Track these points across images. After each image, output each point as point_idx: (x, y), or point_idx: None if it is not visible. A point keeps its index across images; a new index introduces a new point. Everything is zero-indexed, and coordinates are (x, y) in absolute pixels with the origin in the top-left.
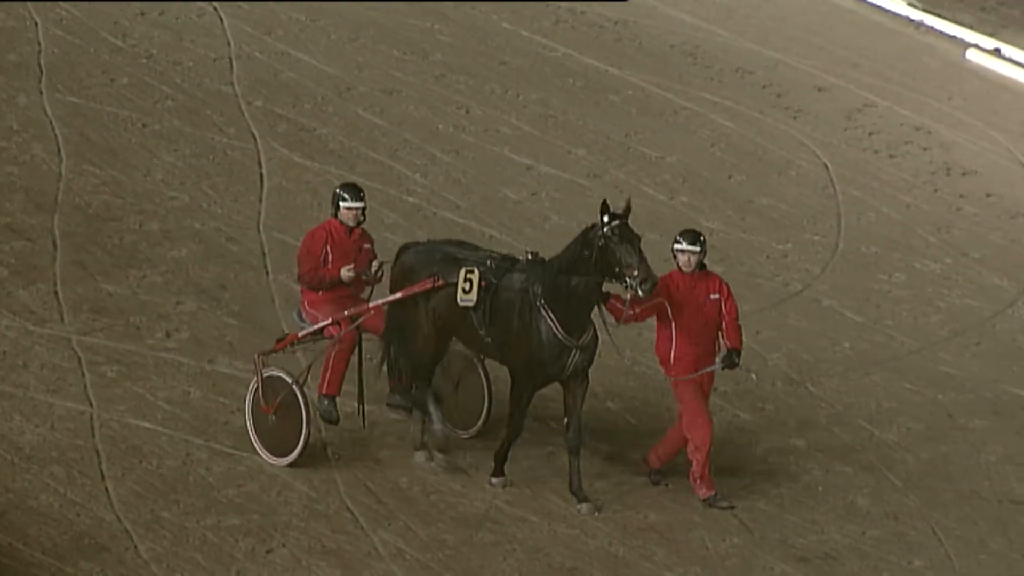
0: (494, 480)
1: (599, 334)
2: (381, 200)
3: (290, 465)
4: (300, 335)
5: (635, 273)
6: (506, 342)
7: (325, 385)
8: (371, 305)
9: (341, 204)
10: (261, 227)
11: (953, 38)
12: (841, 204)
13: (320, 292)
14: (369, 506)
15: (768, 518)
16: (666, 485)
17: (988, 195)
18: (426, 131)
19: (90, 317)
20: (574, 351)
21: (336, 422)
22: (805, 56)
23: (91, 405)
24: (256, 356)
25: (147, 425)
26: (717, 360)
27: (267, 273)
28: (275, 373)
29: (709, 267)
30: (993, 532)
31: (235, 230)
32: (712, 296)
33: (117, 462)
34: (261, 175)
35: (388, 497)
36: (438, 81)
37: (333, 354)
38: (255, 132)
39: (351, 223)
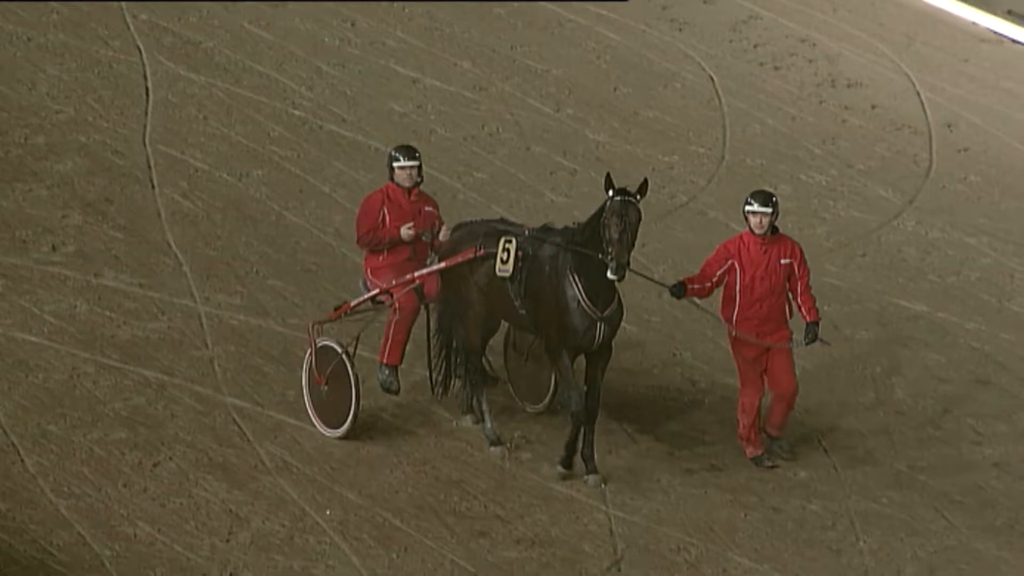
0: (561, 469)
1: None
2: (267, 114)
3: (343, 437)
4: (353, 304)
5: (610, 251)
6: (539, 313)
7: (386, 355)
8: (416, 275)
9: (394, 165)
10: (147, 140)
11: None
12: (726, 116)
13: (382, 258)
14: (256, 420)
15: (654, 430)
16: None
17: (873, 107)
18: (312, 44)
19: None
20: (600, 323)
21: (396, 393)
22: None
23: None
24: (310, 325)
25: (33, 339)
26: (798, 339)
27: (153, 187)
28: (327, 343)
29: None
30: (878, 443)
31: (121, 144)
32: (783, 261)
33: (3, 376)
34: (147, 88)
35: (275, 411)
36: None
37: (393, 323)
38: (140, 46)
39: (407, 184)
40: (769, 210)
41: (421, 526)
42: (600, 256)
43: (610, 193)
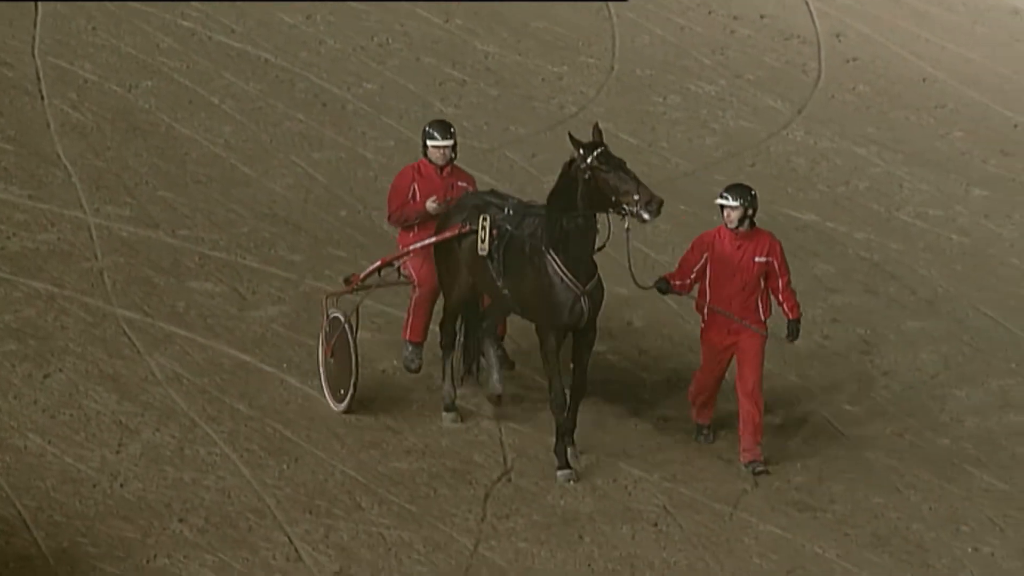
0: (559, 474)
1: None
2: (156, 24)
3: (345, 411)
4: (361, 275)
5: (636, 198)
6: (521, 293)
7: (408, 331)
8: (410, 248)
9: (428, 143)
10: (36, 52)
11: None
12: (616, 26)
13: (412, 234)
14: (146, 331)
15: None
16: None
17: (762, 16)
18: None
19: None
20: (583, 297)
21: (417, 371)
22: None
23: None
24: (324, 297)
25: None
26: (774, 332)
27: (42, 98)
28: (335, 314)
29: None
30: (770, 355)
31: (10, 55)
32: (758, 258)
33: None
34: None
35: (165, 322)
36: None
37: (413, 300)
38: None
39: (440, 162)
40: (737, 204)
41: (311, 437)
42: (611, 210)
43: (583, 151)
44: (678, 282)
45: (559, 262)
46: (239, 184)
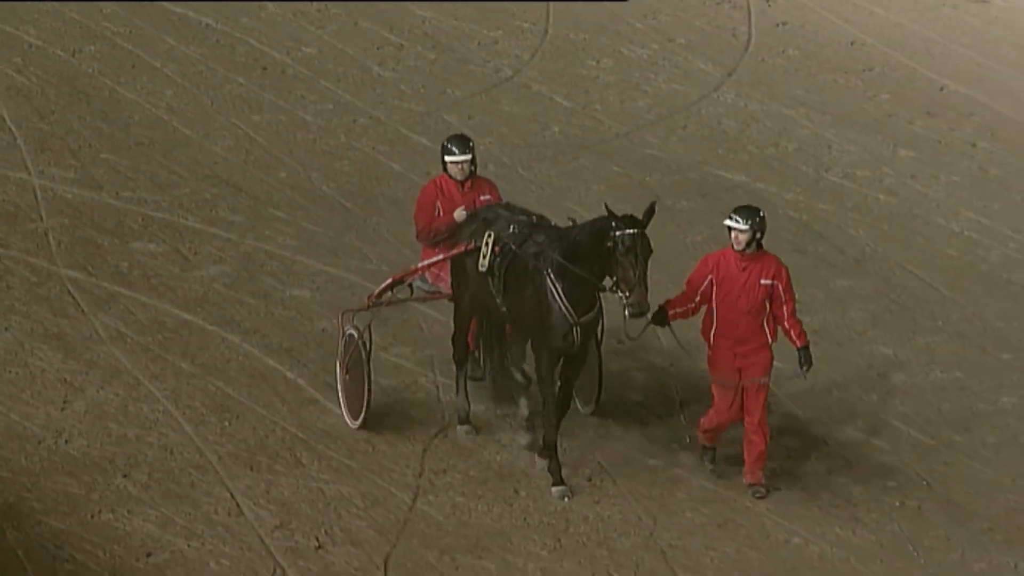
0: (554, 490)
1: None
2: None
3: (360, 427)
4: (374, 293)
5: (628, 295)
6: (519, 311)
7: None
8: (421, 265)
9: (447, 158)
10: None
11: None
12: None
13: (439, 249)
14: (90, 291)
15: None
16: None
17: None
18: None
19: None
20: (576, 327)
21: (480, 379)
22: None
23: None
24: (341, 314)
25: None
26: (784, 367)
27: None
28: (350, 331)
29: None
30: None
31: None
32: (763, 281)
33: None
34: None
35: (108, 282)
36: None
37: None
38: None
39: (460, 177)
40: (746, 227)
41: (252, 394)
42: (595, 282)
43: (621, 225)
44: (680, 309)
45: (559, 289)
46: (181, 146)
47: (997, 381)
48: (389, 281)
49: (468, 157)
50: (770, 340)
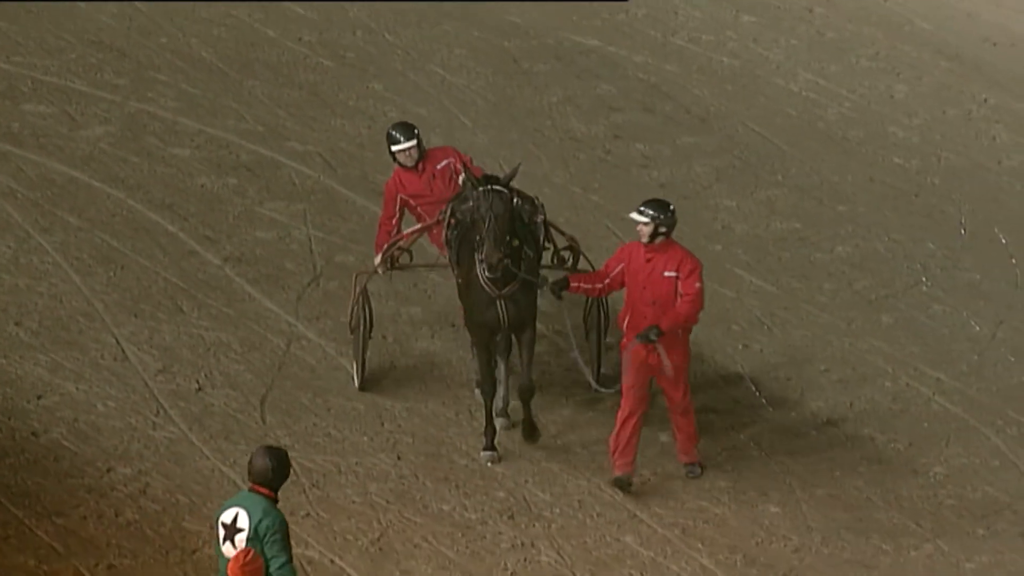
0: (483, 454)
1: (542, 295)
2: None
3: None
4: (377, 262)
5: (481, 257)
6: (460, 285)
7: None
8: (405, 232)
9: (393, 148)
10: None
11: None
12: None
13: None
14: None
15: (349, 157)
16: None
17: None
18: None
19: None
20: (500, 300)
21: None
22: None
23: None
24: (354, 275)
25: None
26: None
27: None
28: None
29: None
30: (556, 167)
31: None
32: (667, 273)
33: None
34: None
35: (0, 141)
36: None
37: None
38: None
39: (408, 163)
40: (646, 220)
41: (136, 246)
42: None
43: (472, 186)
44: (586, 285)
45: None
46: (67, 13)
47: (833, 231)
48: (384, 251)
49: (413, 143)
50: (681, 332)
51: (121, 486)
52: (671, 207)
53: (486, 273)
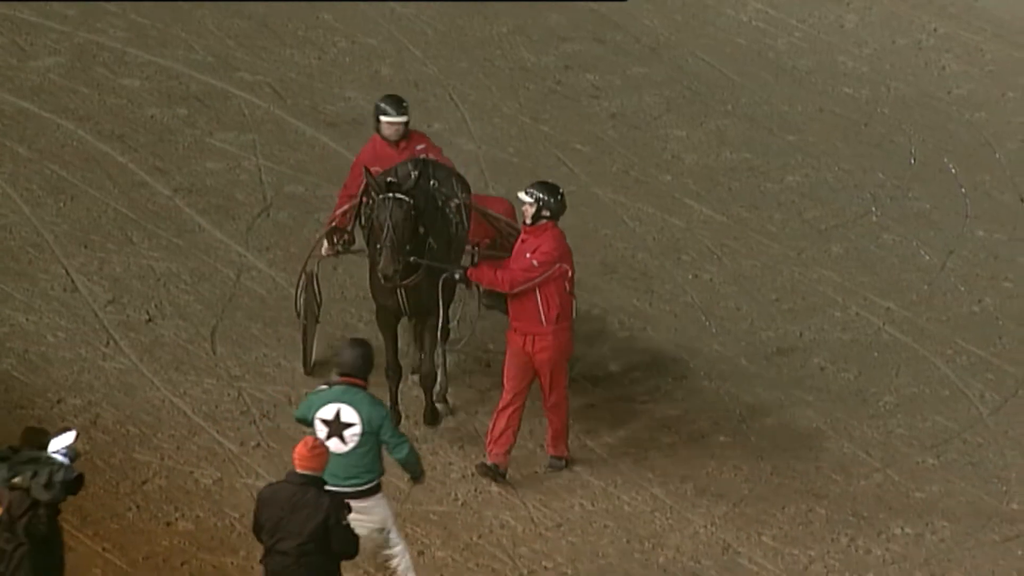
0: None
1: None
2: None
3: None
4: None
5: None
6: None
7: None
8: (338, 213)
9: (381, 119)
10: None
11: None
12: None
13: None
14: None
15: (299, 88)
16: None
17: None
18: None
19: None
20: (400, 290)
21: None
22: None
23: None
24: (303, 263)
25: None
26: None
27: None
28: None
29: None
30: (506, 97)
31: None
32: (528, 255)
33: None
34: None
35: None
36: None
37: None
38: None
39: (394, 138)
40: (530, 200)
41: (86, 177)
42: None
43: (371, 190)
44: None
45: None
46: None
47: (783, 161)
48: (324, 231)
49: (404, 119)
50: (544, 323)
51: (71, 417)
52: (560, 192)
53: (381, 280)
